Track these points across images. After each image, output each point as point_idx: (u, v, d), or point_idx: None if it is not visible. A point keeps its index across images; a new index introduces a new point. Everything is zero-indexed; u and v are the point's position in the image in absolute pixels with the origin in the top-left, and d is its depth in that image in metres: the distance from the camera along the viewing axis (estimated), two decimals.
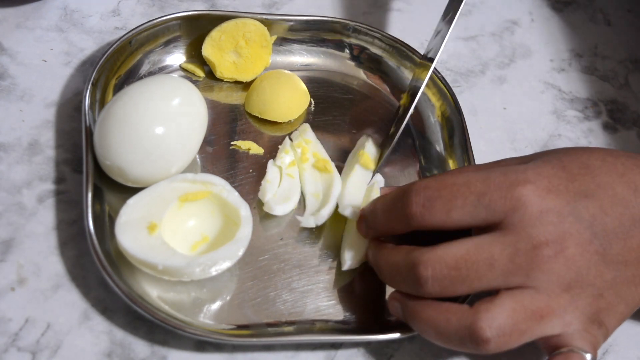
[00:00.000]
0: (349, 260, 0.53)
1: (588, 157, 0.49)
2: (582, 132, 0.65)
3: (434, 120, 0.62)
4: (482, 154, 0.61)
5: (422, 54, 0.62)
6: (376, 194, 0.55)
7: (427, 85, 0.62)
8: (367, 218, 0.52)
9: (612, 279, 0.47)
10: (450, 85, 0.62)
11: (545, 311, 0.46)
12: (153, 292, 0.50)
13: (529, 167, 0.47)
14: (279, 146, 0.58)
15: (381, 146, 0.59)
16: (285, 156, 0.57)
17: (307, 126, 0.59)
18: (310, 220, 0.54)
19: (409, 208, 0.47)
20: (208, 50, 0.60)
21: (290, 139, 0.59)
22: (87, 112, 0.54)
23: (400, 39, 0.63)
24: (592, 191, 0.47)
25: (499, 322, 0.45)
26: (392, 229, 0.50)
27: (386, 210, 0.50)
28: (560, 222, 0.46)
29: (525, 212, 0.46)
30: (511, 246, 0.45)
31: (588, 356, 0.46)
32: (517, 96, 0.66)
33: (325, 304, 0.52)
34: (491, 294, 0.46)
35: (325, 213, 0.55)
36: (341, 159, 0.59)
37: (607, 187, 0.47)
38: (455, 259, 0.46)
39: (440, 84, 0.62)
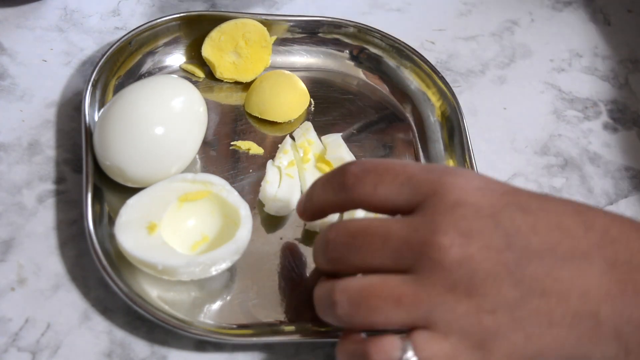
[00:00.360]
0: None
1: (557, 198, 0.45)
2: (582, 132, 0.65)
3: (434, 120, 0.62)
4: (482, 154, 0.61)
5: (421, 53, 0.63)
6: None
7: (427, 85, 0.62)
8: (307, 193, 0.49)
9: (514, 301, 0.41)
10: (450, 85, 0.62)
11: (411, 300, 0.41)
12: (153, 292, 0.50)
13: (480, 173, 0.44)
14: (279, 146, 0.58)
15: None
16: (284, 156, 0.57)
17: (309, 124, 0.59)
18: (316, 224, 0.54)
19: (343, 177, 0.45)
20: (208, 50, 0.60)
21: (292, 138, 0.59)
22: (87, 112, 0.54)
23: (400, 39, 0.63)
24: (533, 209, 0.42)
25: (351, 291, 0.43)
26: (326, 202, 0.47)
27: (325, 181, 0.47)
28: (475, 219, 0.41)
29: (442, 199, 0.42)
30: (412, 227, 0.42)
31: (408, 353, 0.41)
32: (517, 96, 0.66)
33: None
34: None
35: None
36: None
37: (553, 213, 0.42)
38: (356, 228, 0.44)
39: (440, 84, 0.62)
